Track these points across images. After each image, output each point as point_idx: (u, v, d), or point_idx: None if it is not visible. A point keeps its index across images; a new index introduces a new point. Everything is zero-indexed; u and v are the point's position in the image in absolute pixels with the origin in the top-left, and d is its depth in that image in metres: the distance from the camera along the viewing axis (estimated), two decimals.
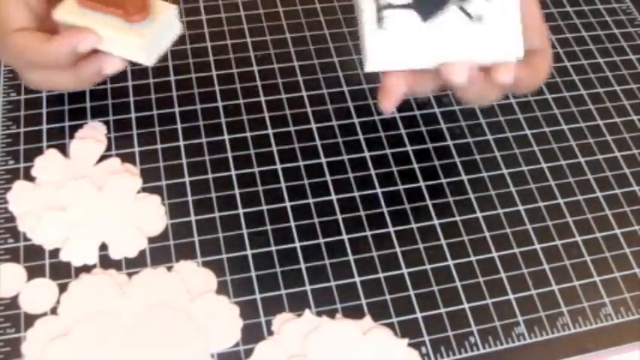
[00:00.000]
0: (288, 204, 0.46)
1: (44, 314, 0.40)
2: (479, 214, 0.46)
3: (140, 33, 0.42)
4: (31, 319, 0.40)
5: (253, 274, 0.43)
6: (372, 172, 0.47)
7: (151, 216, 0.44)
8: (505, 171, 0.48)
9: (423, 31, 0.33)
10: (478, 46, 0.33)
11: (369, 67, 0.35)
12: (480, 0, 0.33)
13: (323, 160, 0.48)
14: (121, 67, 0.44)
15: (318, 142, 0.49)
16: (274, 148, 0.48)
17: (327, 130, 0.49)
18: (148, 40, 0.43)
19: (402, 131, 0.49)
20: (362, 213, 0.46)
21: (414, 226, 0.45)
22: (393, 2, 0.34)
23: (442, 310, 0.42)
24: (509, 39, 0.33)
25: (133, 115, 0.49)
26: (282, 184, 0.46)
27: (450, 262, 0.44)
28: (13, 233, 0.43)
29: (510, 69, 0.36)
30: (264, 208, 0.45)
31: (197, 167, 0.47)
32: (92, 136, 0.48)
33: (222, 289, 0.42)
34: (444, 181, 0.47)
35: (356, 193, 0.46)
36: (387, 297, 0.42)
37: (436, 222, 0.45)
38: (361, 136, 0.49)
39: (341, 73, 0.53)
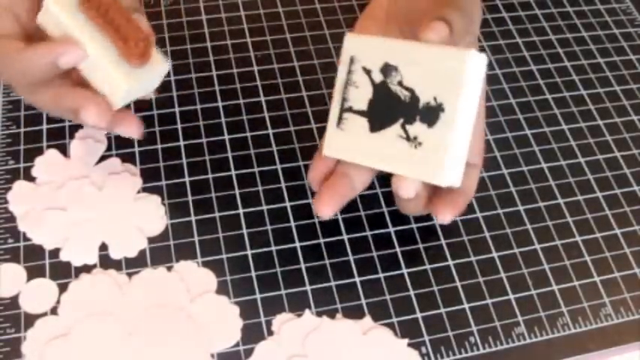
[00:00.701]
0: (288, 204, 0.46)
1: (44, 314, 0.40)
2: (479, 214, 0.46)
3: (128, 76, 0.38)
4: (31, 319, 0.40)
5: (253, 274, 0.43)
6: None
7: (151, 216, 0.44)
8: (505, 171, 0.48)
9: (369, 138, 0.38)
10: (415, 167, 0.36)
11: (325, 153, 0.40)
12: (422, 125, 0.36)
13: None
14: (97, 124, 0.39)
15: (318, 142, 0.49)
16: (274, 148, 0.48)
17: None
18: (131, 86, 0.39)
19: None
20: (362, 213, 0.46)
21: (414, 226, 0.45)
22: (353, 107, 0.38)
23: (442, 310, 0.42)
24: (446, 170, 0.36)
25: None
26: (282, 184, 0.46)
27: (450, 262, 0.44)
28: (13, 233, 0.43)
29: (453, 208, 0.39)
30: (264, 208, 0.45)
31: (197, 167, 0.47)
32: (92, 136, 0.48)
33: (222, 289, 0.42)
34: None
35: None
36: (387, 297, 0.42)
37: (436, 222, 0.45)
38: None
39: None
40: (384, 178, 0.47)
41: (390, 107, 0.37)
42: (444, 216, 0.39)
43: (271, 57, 0.54)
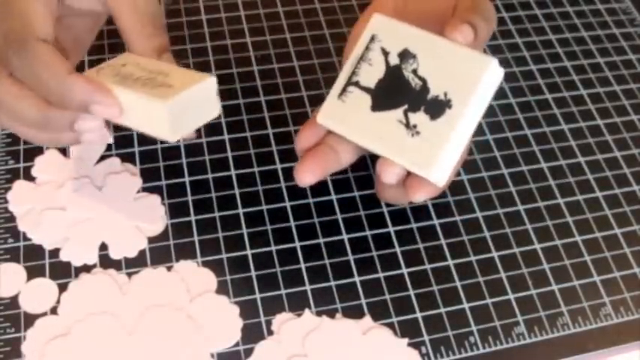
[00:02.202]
0: (288, 204, 0.46)
1: (44, 314, 0.40)
2: (479, 214, 0.46)
3: (166, 98, 0.34)
4: (31, 319, 0.40)
5: (253, 274, 0.43)
6: (372, 171, 0.47)
7: (151, 216, 0.44)
8: (505, 171, 0.48)
9: (367, 116, 0.37)
10: (407, 154, 0.36)
11: (319, 119, 0.39)
12: (425, 116, 0.36)
13: None
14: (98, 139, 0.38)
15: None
16: (274, 148, 0.48)
17: None
18: (174, 109, 0.35)
19: None
20: (362, 213, 0.46)
21: (413, 226, 0.45)
22: (360, 82, 0.38)
23: (442, 310, 0.42)
24: (438, 165, 0.36)
25: None
26: (282, 184, 0.46)
27: (450, 262, 0.44)
28: (13, 233, 0.43)
29: (427, 191, 0.38)
30: (264, 208, 0.45)
31: (197, 167, 0.47)
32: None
33: (222, 289, 0.42)
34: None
35: (356, 193, 0.46)
36: (387, 297, 0.42)
37: (436, 222, 0.45)
38: None
39: None
40: None
41: (398, 92, 0.37)
42: (418, 195, 0.38)
43: (271, 57, 0.54)
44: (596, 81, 0.54)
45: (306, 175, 0.38)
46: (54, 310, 0.40)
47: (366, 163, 0.47)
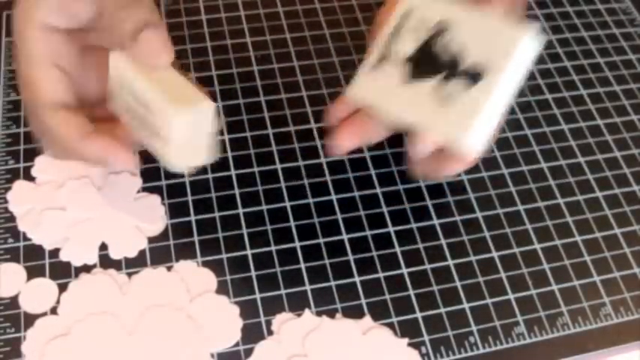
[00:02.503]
0: (288, 204, 0.46)
1: (44, 314, 0.40)
2: (479, 214, 0.46)
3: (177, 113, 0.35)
4: (31, 319, 0.40)
5: (253, 273, 0.43)
6: (372, 171, 0.47)
7: (151, 216, 0.44)
8: (505, 171, 0.48)
9: (400, 88, 0.37)
10: (442, 124, 0.36)
11: (349, 94, 0.39)
12: (459, 86, 0.36)
13: (323, 160, 0.48)
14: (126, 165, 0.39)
15: (317, 142, 0.49)
16: (274, 148, 0.48)
17: None
18: (184, 127, 0.36)
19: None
20: (362, 213, 0.46)
21: (413, 226, 0.45)
22: (394, 56, 0.38)
23: (442, 310, 0.42)
24: (471, 135, 0.35)
25: None
26: (282, 184, 0.46)
27: (450, 262, 0.44)
28: (13, 233, 0.43)
29: (461, 163, 0.38)
30: (264, 208, 0.45)
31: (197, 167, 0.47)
32: None
33: (222, 289, 0.42)
34: (443, 180, 0.47)
35: (356, 193, 0.46)
36: (387, 297, 0.42)
37: (436, 222, 0.45)
38: None
39: (341, 73, 0.53)
40: (385, 178, 0.47)
41: (431, 63, 0.37)
42: (451, 167, 0.38)
43: (271, 57, 0.54)
44: (596, 81, 0.54)
45: (345, 142, 0.38)
46: (54, 310, 0.40)
47: (366, 163, 0.48)
